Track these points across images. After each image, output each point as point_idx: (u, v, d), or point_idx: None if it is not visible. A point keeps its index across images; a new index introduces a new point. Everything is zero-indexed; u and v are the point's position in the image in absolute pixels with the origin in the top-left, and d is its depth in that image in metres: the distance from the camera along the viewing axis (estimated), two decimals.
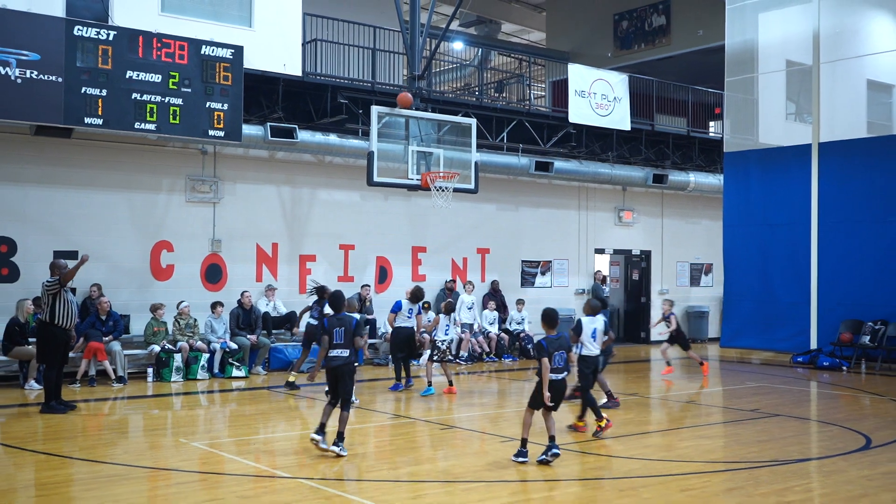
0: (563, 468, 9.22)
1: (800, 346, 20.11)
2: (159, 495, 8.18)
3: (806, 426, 12.12)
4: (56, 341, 12.38)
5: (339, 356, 9.73)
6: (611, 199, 24.43)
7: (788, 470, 9.19)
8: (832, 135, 20.54)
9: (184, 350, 15.95)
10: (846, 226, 19.75)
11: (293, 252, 18.88)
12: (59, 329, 12.35)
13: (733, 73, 22.13)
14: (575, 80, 21.22)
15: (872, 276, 19.17)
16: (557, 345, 9.37)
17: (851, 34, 22.81)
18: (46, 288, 12.31)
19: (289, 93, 17.92)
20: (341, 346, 9.73)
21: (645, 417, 13.09)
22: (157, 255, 17.16)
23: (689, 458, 9.77)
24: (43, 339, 12.47)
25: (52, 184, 16.19)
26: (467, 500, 7.96)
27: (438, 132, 17.41)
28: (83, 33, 14.44)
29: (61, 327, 12.36)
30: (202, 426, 12.26)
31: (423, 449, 10.36)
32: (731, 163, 22.23)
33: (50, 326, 12.33)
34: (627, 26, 26.72)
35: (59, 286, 12.27)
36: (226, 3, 16.85)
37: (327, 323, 9.89)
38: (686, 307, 25.83)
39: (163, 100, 15.19)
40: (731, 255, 22.05)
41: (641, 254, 25.47)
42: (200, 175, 17.75)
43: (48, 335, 12.39)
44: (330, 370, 9.81)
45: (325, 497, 7.94)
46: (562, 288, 23.36)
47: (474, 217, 21.54)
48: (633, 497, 8.03)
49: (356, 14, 19.61)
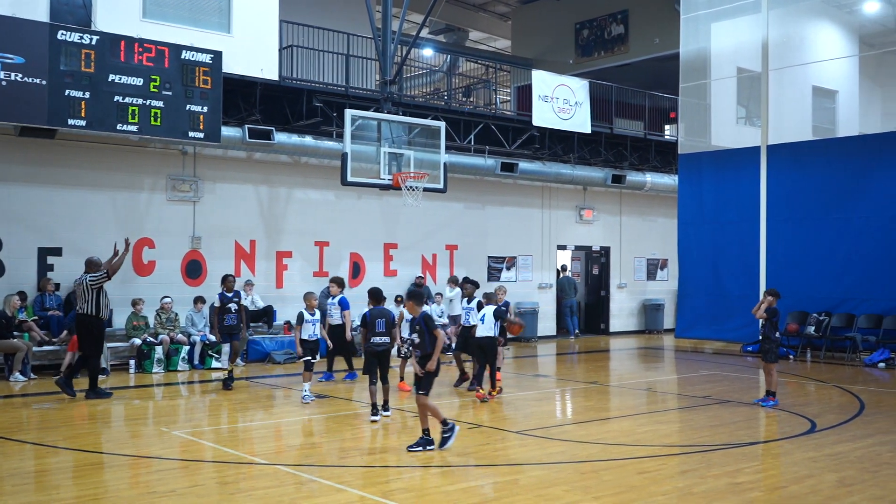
0: (527, 453, 9.23)
1: (749, 337, 20.29)
2: (141, 482, 8.08)
3: (755, 411, 12.23)
4: (100, 333, 12.83)
5: (382, 343, 10.79)
6: (572, 198, 24.52)
7: (739, 453, 9.26)
8: (780, 137, 20.74)
9: (165, 343, 15.81)
10: (792, 223, 19.96)
11: (270, 249, 18.76)
12: (102, 321, 12.80)
13: (687, 79, 22.27)
14: (538, 85, 21.26)
15: (816, 270, 19.39)
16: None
17: (798, 43, 23.11)
18: (91, 283, 12.58)
19: (266, 96, 17.79)
20: (383, 334, 10.77)
21: (604, 404, 13.16)
22: (138, 252, 16.97)
23: (646, 443, 9.82)
24: (87, 331, 12.70)
25: (37, 183, 15.96)
26: (438, 484, 7.95)
27: (409, 134, 17.38)
28: (67, 38, 14.24)
29: (103, 319, 12.86)
30: (183, 415, 12.15)
31: (395, 435, 10.34)
32: (685, 164, 22.38)
33: (94, 319, 12.64)
34: (588, 35, 26.81)
35: (106, 279, 12.65)
36: (205, 10, 16.68)
37: (369, 315, 10.78)
38: (643, 300, 26.03)
39: (144, 102, 15.01)
40: (685, 251, 22.21)
41: (601, 250, 25.58)
42: (181, 175, 17.58)
43: (92, 327, 12.68)
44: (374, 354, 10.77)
45: (301, 482, 7.90)
46: (526, 282, 23.42)
47: (443, 215, 21.53)
48: (593, 479, 8.06)
49: (331, 21, 19.53)
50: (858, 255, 18.81)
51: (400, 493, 7.60)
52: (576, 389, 14.78)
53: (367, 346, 10.81)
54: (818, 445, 9.67)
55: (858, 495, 7.55)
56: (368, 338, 10.78)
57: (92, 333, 12.68)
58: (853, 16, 25.55)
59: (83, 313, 12.66)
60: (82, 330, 12.77)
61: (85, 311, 12.60)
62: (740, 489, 7.71)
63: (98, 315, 12.62)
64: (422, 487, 7.85)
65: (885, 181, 18.58)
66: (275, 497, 7.39)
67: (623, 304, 25.81)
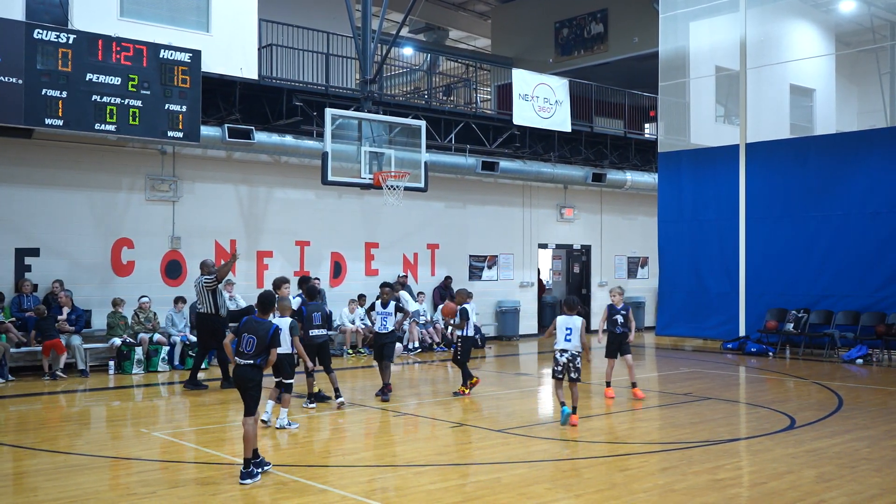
0: (509, 451, 9.25)
1: (729, 334, 20.44)
2: (121, 483, 8.02)
3: (735, 408, 12.31)
4: (219, 329, 13.46)
5: (320, 335, 11.56)
6: (553, 196, 24.57)
7: (719, 449, 9.32)
8: (758, 136, 20.88)
9: (143, 343, 15.71)
10: (771, 221, 20.10)
11: (251, 248, 18.67)
12: (221, 318, 13.61)
13: (666, 78, 22.38)
14: (519, 84, 21.28)
15: (795, 267, 19.54)
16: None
17: (775, 42, 23.26)
18: (206, 285, 13.43)
19: (245, 95, 17.70)
20: (320, 327, 11.54)
21: (585, 402, 13.18)
22: (117, 252, 16.85)
23: (627, 440, 9.86)
24: (207, 328, 13.59)
25: (14, 183, 15.80)
26: (419, 483, 7.94)
27: (389, 133, 17.37)
28: (43, 36, 14.10)
29: (222, 317, 13.68)
30: (163, 416, 12.07)
31: (376, 435, 10.31)
32: (664, 162, 22.48)
33: (214, 316, 13.53)
34: (567, 34, 26.86)
35: (216, 282, 13.31)
36: (184, 8, 16.57)
37: (306, 310, 11.47)
38: (624, 298, 26.04)
39: (122, 101, 14.90)
40: (665, 249, 22.31)
41: (582, 248, 25.65)
42: (160, 174, 17.46)
43: (212, 324, 13.53)
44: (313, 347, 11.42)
45: (281, 482, 7.86)
46: (507, 281, 23.45)
47: (424, 214, 21.52)
48: (575, 477, 8.08)
49: (310, 20, 19.46)
50: (836, 253, 18.98)
51: (382, 493, 7.59)
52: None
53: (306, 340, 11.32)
54: (797, 442, 9.74)
55: (837, 490, 7.61)
56: (307, 331, 11.40)
57: (211, 329, 13.52)
58: (830, 15, 25.76)
59: (203, 312, 13.64)
60: (202, 327, 13.75)
61: (204, 310, 13.58)
62: (721, 486, 7.76)
63: (217, 313, 13.56)
64: (403, 486, 7.83)
65: (861, 179, 18.74)
66: (256, 497, 7.36)
67: (604, 301, 25.71)
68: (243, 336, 8.19)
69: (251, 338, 8.14)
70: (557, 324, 10.71)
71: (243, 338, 8.18)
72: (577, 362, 10.58)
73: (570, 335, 10.56)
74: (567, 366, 10.60)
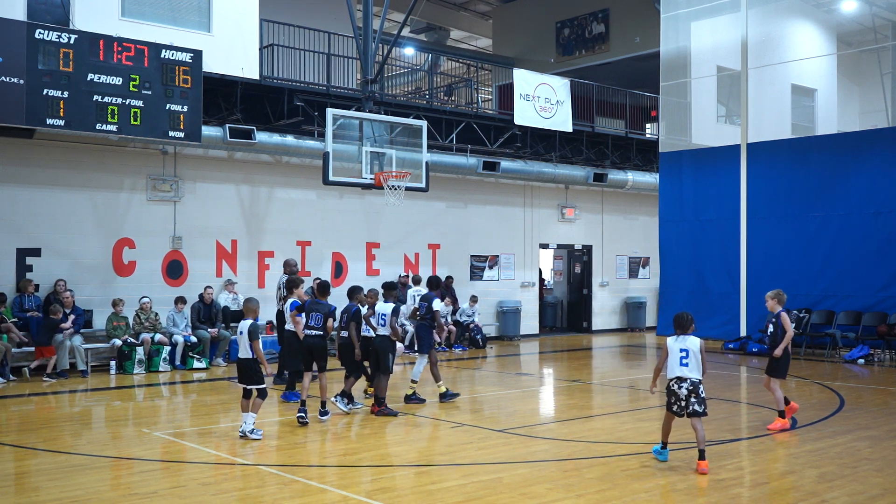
0: (510, 451, 9.24)
1: (730, 334, 20.42)
2: (122, 483, 8.02)
3: (736, 408, 12.29)
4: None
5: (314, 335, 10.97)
6: (554, 196, 24.56)
7: (721, 449, 9.30)
8: (759, 136, 20.87)
9: (145, 343, 15.71)
10: (772, 220, 20.08)
11: (252, 248, 18.68)
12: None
13: (668, 77, 22.37)
14: (520, 84, 21.28)
15: (796, 267, 19.52)
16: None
17: (777, 41, 23.24)
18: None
19: (247, 95, 17.71)
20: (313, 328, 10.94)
21: (587, 402, 13.19)
22: (119, 252, 16.86)
23: (628, 440, 9.85)
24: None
25: (16, 183, 15.81)
26: (420, 482, 7.94)
27: (391, 133, 17.36)
28: (44, 36, 14.11)
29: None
30: (164, 416, 12.07)
31: (378, 435, 10.31)
32: (665, 162, 22.47)
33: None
34: (569, 34, 26.85)
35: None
36: (185, 8, 16.58)
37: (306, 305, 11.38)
38: (625, 298, 26.11)
39: (124, 102, 14.91)
40: (666, 248, 22.30)
41: (583, 248, 25.64)
42: (161, 174, 17.47)
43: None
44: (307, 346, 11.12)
45: (283, 483, 7.86)
46: (508, 281, 23.45)
47: (425, 214, 21.51)
48: (576, 477, 8.07)
49: (312, 20, 19.46)
50: (838, 253, 18.96)
51: (382, 493, 7.58)
52: (558, 388, 14.81)
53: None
54: (799, 442, 9.73)
55: (838, 490, 7.60)
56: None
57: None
58: (831, 15, 25.75)
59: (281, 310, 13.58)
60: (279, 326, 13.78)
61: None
62: (722, 485, 7.75)
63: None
64: (405, 487, 7.83)
65: (863, 179, 18.73)
66: (257, 498, 7.36)
67: (605, 302, 25.90)
68: (311, 314, 10.56)
69: (319, 315, 10.54)
70: (669, 347, 8.64)
71: (312, 315, 10.54)
72: (700, 391, 8.47)
73: (687, 359, 8.54)
74: (689, 398, 8.47)
